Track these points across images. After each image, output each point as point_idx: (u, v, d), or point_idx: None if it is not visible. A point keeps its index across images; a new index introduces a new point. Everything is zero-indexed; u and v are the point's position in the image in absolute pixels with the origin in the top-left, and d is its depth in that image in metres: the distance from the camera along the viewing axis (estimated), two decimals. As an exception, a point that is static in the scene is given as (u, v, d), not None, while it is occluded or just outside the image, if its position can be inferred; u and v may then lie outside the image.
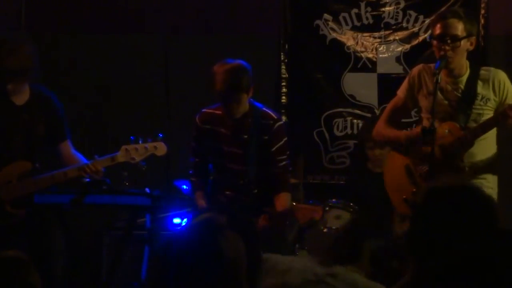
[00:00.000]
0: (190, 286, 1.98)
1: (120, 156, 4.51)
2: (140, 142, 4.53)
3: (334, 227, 5.02)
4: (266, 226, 4.31)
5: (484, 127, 4.17)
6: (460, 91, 4.27)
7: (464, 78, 4.28)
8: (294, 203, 4.59)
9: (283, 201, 4.50)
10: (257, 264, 2.12)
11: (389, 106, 4.61)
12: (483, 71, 4.32)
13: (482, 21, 5.88)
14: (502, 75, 4.32)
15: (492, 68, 4.38)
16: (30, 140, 4.50)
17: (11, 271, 2.34)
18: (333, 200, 5.20)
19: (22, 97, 4.51)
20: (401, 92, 4.49)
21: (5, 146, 4.46)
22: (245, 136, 4.53)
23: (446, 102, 4.25)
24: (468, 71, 4.30)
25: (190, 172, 4.76)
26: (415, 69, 4.47)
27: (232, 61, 4.48)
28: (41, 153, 4.59)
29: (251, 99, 4.57)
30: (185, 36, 6.23)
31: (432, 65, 4.42)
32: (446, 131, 4.17)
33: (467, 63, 4.30)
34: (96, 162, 4.46)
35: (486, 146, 4.29)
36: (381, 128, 4.53)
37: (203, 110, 4.67)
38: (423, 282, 2.24)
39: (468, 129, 4.20)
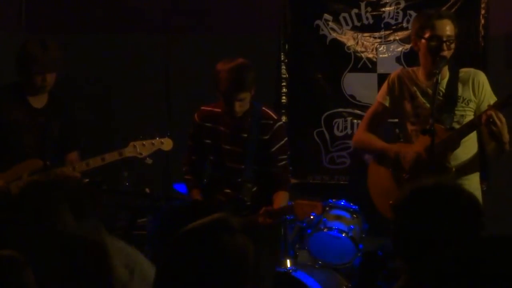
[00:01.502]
0: (194, 285, 1.98)
1: (127, 151, 4.61)
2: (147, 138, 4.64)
3: (334, 227, 5.03)
4: (263, 224, 4.31)
5: (470, 127, 4.17)
6: (441, 94, 4.26)
7: (445, 81, 4.28)
8: (294, 200, 4.59)
9: (281, 199, 4.52)
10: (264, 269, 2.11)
11: (368, 113, 4.60)
12: (462, 73, 4.31)
13: (482, 21, 5.87)
14: (481, 76, 4.31)
15: (472, 69, 4.37)
16: (44, 141, 4.61)
17: (5, 270, 2.34)
18: (333, 200, 5.20)
19: (40, 101, 4.66)
20: (381, 97, 4.47)
21: (19, 145, 4.57)
22: (244, 135, 4.53)
23: (428, 105, 4.23)
24: (448, 74, 4.29)
25: (184, 169, 4.76)
26: (393, 74, 4.46)
27: (235, 59, 4.46)
28: (54, 154, 4.66)
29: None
30: (185, 36, 6.23)
31: (410, 69, 4.43)
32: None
33: (446, 66, 4.29)
34: (86, 161, 4.53)
35: (469, 146, 4.29)
36: (364, 137, 4.51)
37: (202, 107, 4.67)
38: (418, 283, 2.24)
39: (453, 130, 4.20)
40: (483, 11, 5.88)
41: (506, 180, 5.71)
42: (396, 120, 4.58)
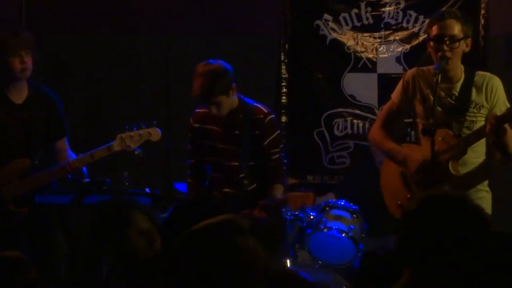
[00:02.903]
0: (205, 284, 1.98)
1: (116, 145, 4.55)
2: (134, 129, 4.58)
3: (334, 227, 5.03)
4: (260, 218, 4.33)
5: (477, 135, 4.12)
6: (454, 97, 4.22)
7: (459, 84, 4.23)
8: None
9: (275, 192, 4.54)
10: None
11: (384, 110, 4.59)
12: (478, 77, 4.24)
13: (482, 21, 5.88)
14: (495, 81, 4.25)
15: (487, 74, 4.31)
16: (30, 138, 4.55)
17: (11, 270, 2.35)
18: (333, 200, 5.20)
19: (20, 95, 4.58)
20: (395, 96, 4.45)
21: (4, 144, 4.51)
22: (237, 132, 4.56)
23: (440, 108, 4.19)
24: (463, 76, 4.24)
25: (187, 173, 4.80)
26: (409, 73, 4.43)
27: (209, 64, 4.48)
28: (42, 150, 4.62)
29: (241, 95, 4.60)
30: (185, 36, 6.23)
31: (426, 68, 4.38)
32: (440, 138, 4.13)
33: (462, 67, 4.25)
34: (75, 160, 4.50)
35: (479, 152, 4.25)
36: (377, 135, 4.50)
37: (196, 110, 4.72)
38: (419, 284, 2.26)
39: (461, 137, 4.17)
40: (483, 11, 5.89)
41: (508, 180, 5.70)
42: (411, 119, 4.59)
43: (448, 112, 4.18)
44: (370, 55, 6.10)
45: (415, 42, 6.04)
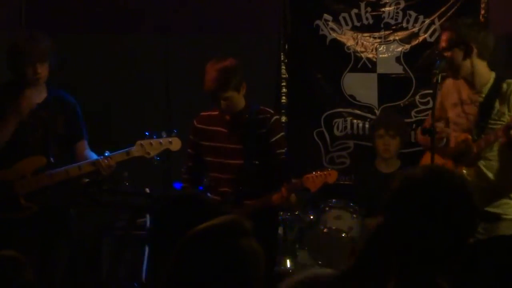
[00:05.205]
0: (208, 286, 1.97)
1: (135, 151, 4.56)
2: (154, 137, 4.59)
3: (334, 227, 5.03)
4: (281, 202, 4.34)
5: (487, 141, 4.09)
6: (478, 104, 4.20)
7: (485, 91, 4.19)
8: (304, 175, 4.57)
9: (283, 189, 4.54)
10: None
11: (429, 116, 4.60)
12: (505, 84, 4.19)
13: (482, 21, 5.88)
14: None
15: None
16: (47, 137, 4.59)
17: (6, 270, 2.35)
18: (333, 200, 5.21)
19: (39, 96, 4.60)
20: (436, 103, 4.41)
21: (22, 142, 4.54)
22: (242, 131, 4.57)
23: (464, 114, 4.21)
24: (490, 83, 4.20)
25: (184, 176, 4.78)
26: (446, 81, 4.39)
27: (221, 60, 4.50)
28: (58, 150, 4.63)
29: (247, 99, 4.60)
30: (185, 36, 6.23)
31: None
32: (460, 141, 4.15)
33: (492, 74, 4.22)
34: (110, 157, 4.50)
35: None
36: (422, 139, 4.47)
37: (201, 113, 4.71)
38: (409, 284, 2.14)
39: (476, 141, 4.13)
40: (483, 11, 5.89)
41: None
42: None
43: (472, 118, 4.19)
44: (370, 55, 6.10)
45: (415, 42, 6.04)
